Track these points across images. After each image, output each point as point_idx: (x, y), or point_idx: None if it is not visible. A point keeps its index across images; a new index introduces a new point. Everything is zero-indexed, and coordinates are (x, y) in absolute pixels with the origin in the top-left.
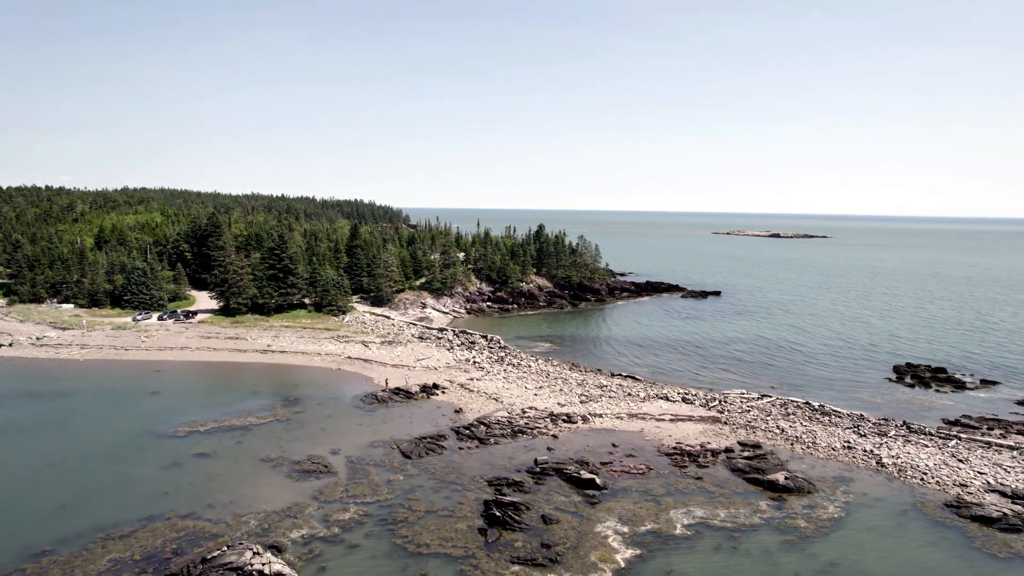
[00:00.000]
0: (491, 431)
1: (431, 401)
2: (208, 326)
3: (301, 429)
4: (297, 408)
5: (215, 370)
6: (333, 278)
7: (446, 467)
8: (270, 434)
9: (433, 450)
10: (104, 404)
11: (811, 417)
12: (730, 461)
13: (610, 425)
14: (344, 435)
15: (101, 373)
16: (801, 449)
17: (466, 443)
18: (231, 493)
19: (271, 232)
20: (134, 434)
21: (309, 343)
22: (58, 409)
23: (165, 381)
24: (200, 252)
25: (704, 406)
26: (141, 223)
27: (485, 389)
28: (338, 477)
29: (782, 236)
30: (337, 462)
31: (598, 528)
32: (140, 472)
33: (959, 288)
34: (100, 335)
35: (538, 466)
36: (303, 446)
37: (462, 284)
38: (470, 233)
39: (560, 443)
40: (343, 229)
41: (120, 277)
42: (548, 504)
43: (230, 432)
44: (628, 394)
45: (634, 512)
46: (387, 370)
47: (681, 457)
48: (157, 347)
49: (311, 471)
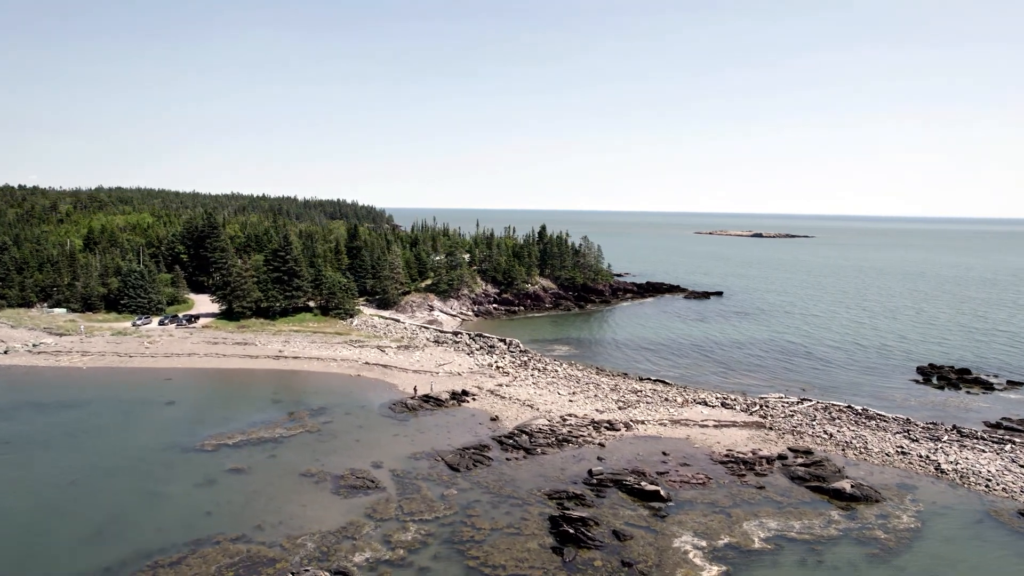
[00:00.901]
0: (535, 440)
1: (463, 409)
2: (213, 331)
3: (335, 441)
4: (325, 418)
5: (229, 378)
6: (339, 280)
7: (498, 480)
8: (303, 446)
9: (480, 462)
10: (118, 416)
11: (857, 421)
12: (787, 469)
13: (654, 432)
14: (382, 447)
15: (108, 382)
16: (854, 455)
17: (512, 453)
18: (278, 512)
19: (269, 232)
20: (158, 448)
21: (322, 348)
22: (69, 422)
23: (178, 390)
24: (197, 254)
25: (746, 411)
26: (132, 224)
27: (517, 395)
28: (388, 493)
29: (765, 236)
30: (382, 476)
31: (675, 543)
32: (173, 490)
33: (949, 288)
34: (100, 341)
35: (593, 477)
36: (342, 459)
37: (468, 286)
38: (467, 234)
39: (609, 452)
40: (339, 230)
41: (115, 280)
42: (615, 518)
43: (261, 445)
44: (665, 399)
45: (706, 525)
46: (409, 376)
47: (736, 465)
48: (163, 353)
49: (357, 486)
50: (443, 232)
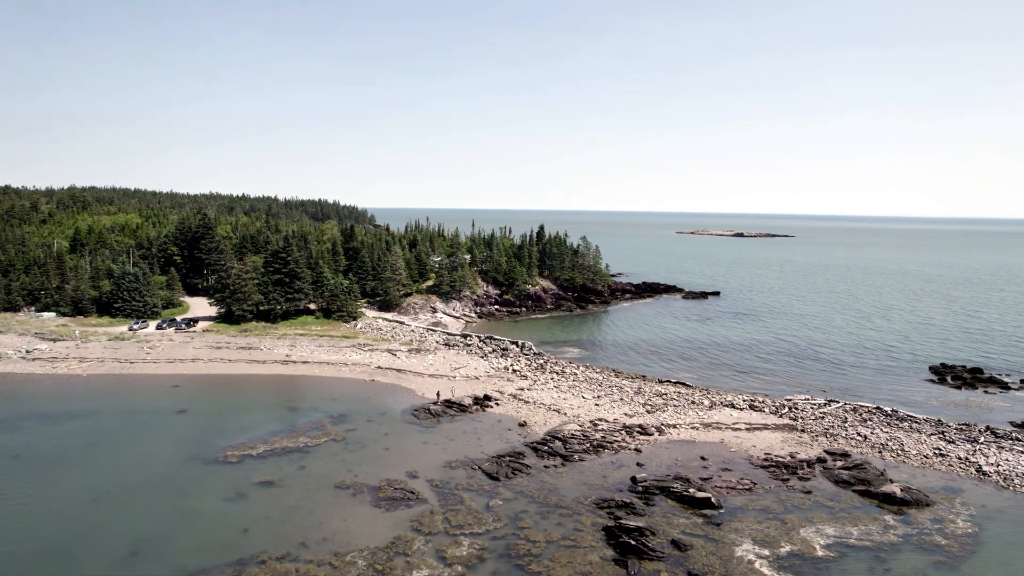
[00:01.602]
0: (570, 447)
1: (488, 414)
2: (214, 335)
3: (363, 450)
4: (348, 425)
5: (238, 384)
6: (341, 283)
7: (541, 488)
8: (331, 456)
9: (519, 470)
10: (129, 426)
11: (889, 423)
12: (830, 472)
13: (687, 436)
14: (413, 455)
15: (111, 390)
16: (892, 458)
17: (549, 461)
18: (319, 528)
19: (264, 233)
20: (179, 460)
21: (330, 352)
22: (78, 433)
23: (188, 398)
24: (191, 255)
25: (775, 413)
26: (119, 225)
27: (541, 400)
28: (430, 504)
29: (746, 235)
30: (420, 487)
31: (738, 552)
32: (204, 506)
33: (935, 287)
34: (97, 346)
35: (638, 484)
36: (374, 469)
37: (469, 287)
38: (462, 234)
39: (646, 458)
40: (332, 230)
41: (107, 283)
42: (670, 527)
43: (286, 456)
44: (691, 402)
45: (764, 532)
46: (425, 380)
47: (778, 469)
48: (165, 359)
49: (397, 498)
50: (439, 232)
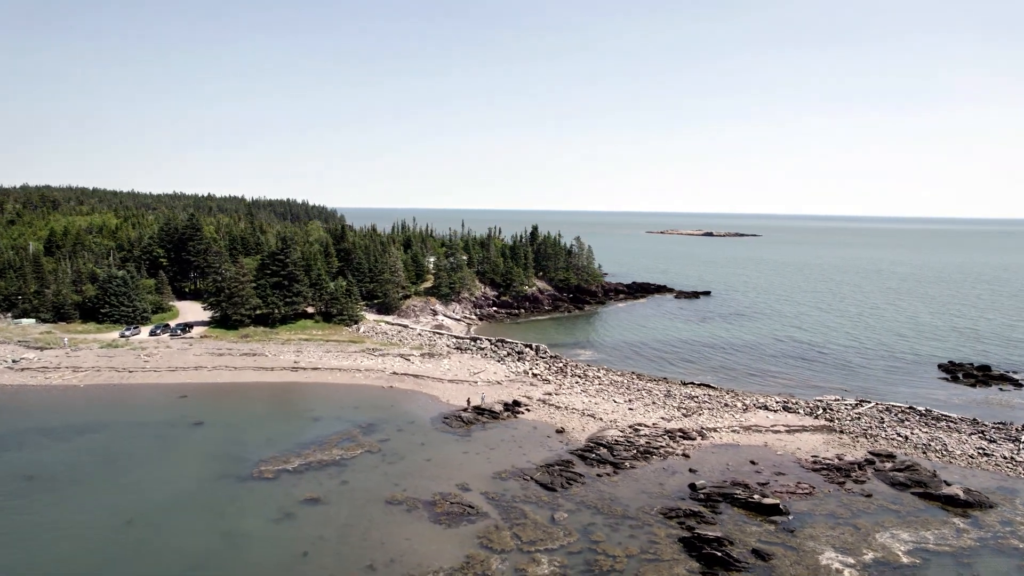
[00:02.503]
0: (617, 454)
1: (522, 420)
2: (213, 341)
3: (403, 461)
4: (379, 435)
5: (250, 393)
6: (341, 285)
7: (600, 498)
8: (371, 469)
9: (572, 479)
10: (145, 440)
11: (926, 423)
12: (883, 474)
13: (730, 440)
14: (457, 466)
15: (115, 401)
16: (937, 458)
17: (599, 469)
18: (382, 548)
19: (255, 234)
20: (210, 477)
21: (340, 358)
22: (90, 449)
23: (200, 408)
24: (179, 258)
25: (810, 415)
26: (96, 226)
27: (572, 405)
28: (492, 519)
29: (716, 235)
30: (477, 500)
31: (822, 561)
32: (250, 527)
33: (911, 286)
34: (90, 355)
35: (699, 492)
36: (422, 482)
37: (468, 289)
38: (446, 234)
39: (696, 463)
40: (317, 231)
41: (90, 287)
42: (743, 535)
43: (324, 470)
44: (724, 405)
45: (841, 539)
46: (445, 386)
47: (830, 472)
48: (166, 367)
49: (456, 513)
50: (429, 233)
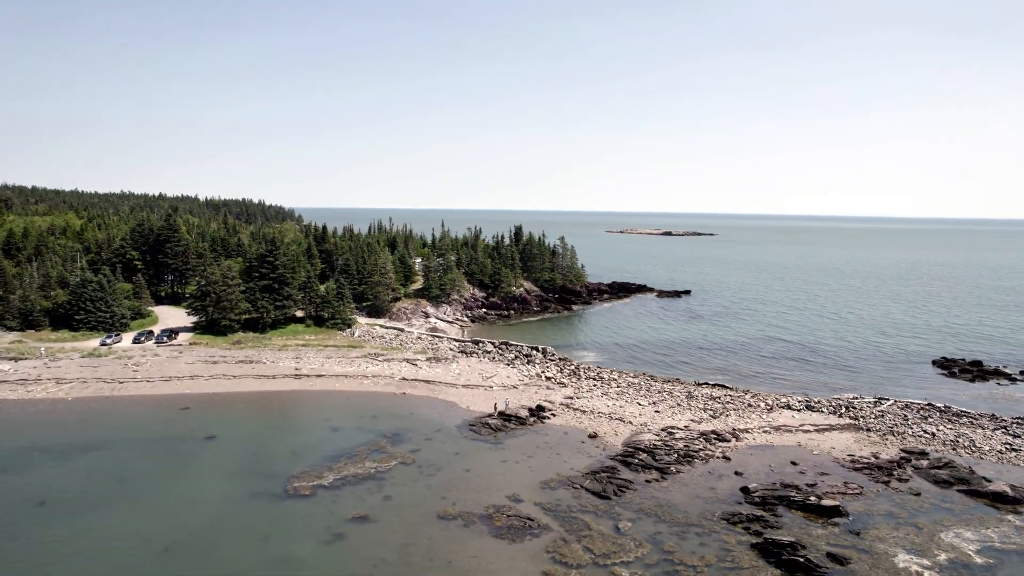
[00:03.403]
0: (659, 458)
1: (549, 426)
2: (204, 348)
3: (441, 473)
4: (408, 445)
5: (256, 403)
6: (332, 288)
7: (657, 505)
8: (411, 482)
9: (623, 487)
10: (156, 458)
11: (949, 419)
12: (924, 472)
13: (763, 441)
14: (500, 476)
15: (111, 415)
16: (967, 454)
17: (645, 474)
18: (452, 568)
19: (238, 235)
20: (241, 496)
21: (343, 364)
22: (99, 469)
23: (207, 421)
24: (155, 260)
25: (835, 413)
26: (59, 227)
27: (597, 408)
28: (556, 531)
29: (674, 234)
30: (533, 511)
31: (899, 563)
32: (302, 551)
33: (872, 283)
34: (72, 365)
35: (752, 495)
36: (469, 494)
37: (458, 290)
38: (424, 235)
39: (739, 465)
40: (291, 232)
41: (61, 292)
42: (810, 538)
43: (361, 484)
44: (748, 405)
45: (908, 540)
46: (460, 391)
47: (872, 471)
48: (158, 377)
49: (517, 527)
50: (409, 233)
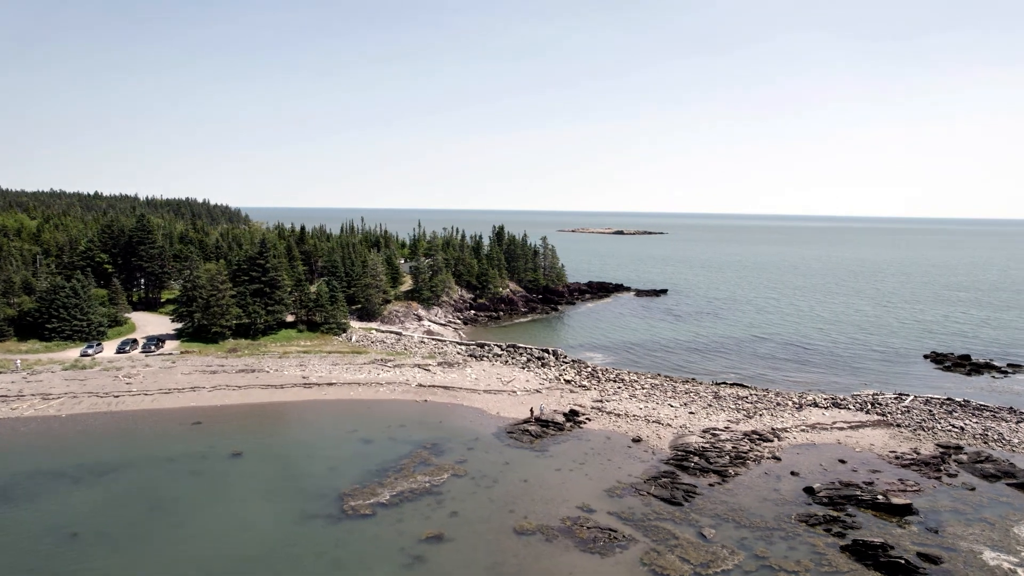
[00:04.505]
0: (711, 460)
1: (588, 431)
2: (198, 357)
3: (498, 484)
4: (452, 456)
5: (271, 415)
6: (325, 291)
7: (729, 509)
8: (470, 495)
9: (691, 492)
10: (184, 479)
11: (971, 413)
12: (969, 466)
13: (804, 440)
14: (559, 486)
15: (116, 433)
16: (999, 447)
17: (705, 478)
18: None
19: (210, 235)
20: (293, 519)
21: (352, 371)
22: (125, 494)
23: (225, 436)
24: (127, 264)
25: (861, 410)
26: (12, 228)
27: (630, 411)
28: (642, 541)
29: (626, 233)
30: (611, 522)
31: (989, 561)
32: None
33: (832, 280)
34: (55, 379)
35: (817, 495)
36: (537, 506)
37: (447, 292)
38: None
39: (792, 465)
40: (257, 233)
41: (27, 299)
42: (893, 538)
43: (420, 500)
44: (776, 404)
45: (985, 536)
46: (483, 397)
47: (920, 467)
48: (156, 390)
49: (600, 538)
50: (384, 233)
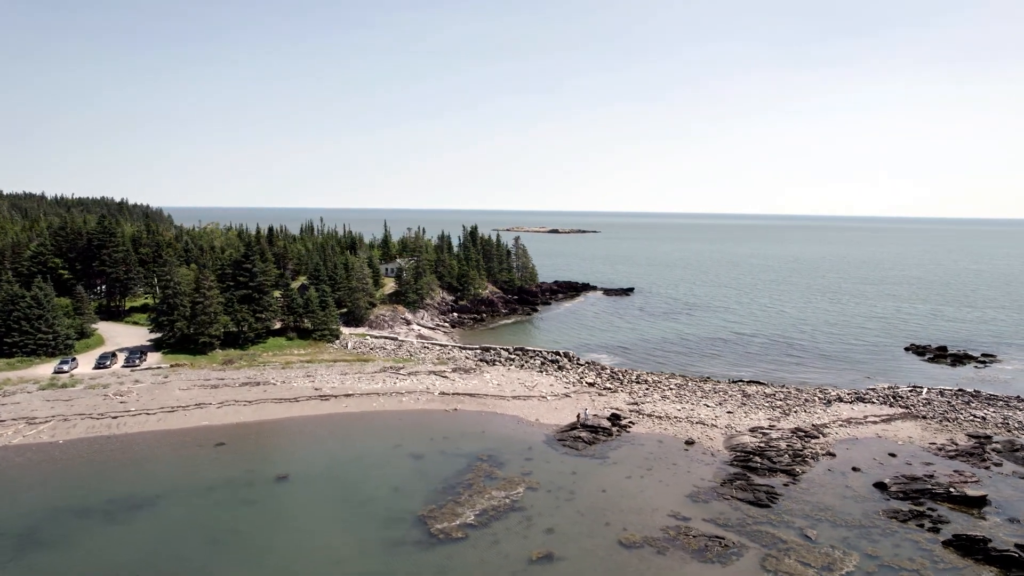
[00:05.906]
0: (774, 460)
1: (637, 435)
2: (191, 370)
3: (579, 497)
4: (513, 468)
5: (297, 431)
6: (315, 296)
7: (815, 509)
8: (554, 510)
9: (772, 493)
10: (234, 509)
11: (986, 402)
12: (1008, 455)
13: (846, 435)
14: (639, 494)
15: (131, 461)
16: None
17: (775, 478)
18: None
19: (182, 238)
20: (379, 547)
21: (365, 381)
22: (174, 531)
23: (256, 457)
24: (87, 269)
25: (885, 403)
26: None
27: (669, 413)
28: (752, 547)
29: (561, 232)
30: (711, 528)
31: None
32: None
33: (779, 276)
34: (33, 400)
35: (891, 490)
36: (628, 516)
37: (430, 295)
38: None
39: (850, 461)
40: (219, 235)
41: None
42: (986, 530)
43: (507, 517)
44: (806, 400)
45: None
46: (513, 404)
47: (964, 457)
48: (158, 408)
49: (711, 547)
50: (349, 234)
